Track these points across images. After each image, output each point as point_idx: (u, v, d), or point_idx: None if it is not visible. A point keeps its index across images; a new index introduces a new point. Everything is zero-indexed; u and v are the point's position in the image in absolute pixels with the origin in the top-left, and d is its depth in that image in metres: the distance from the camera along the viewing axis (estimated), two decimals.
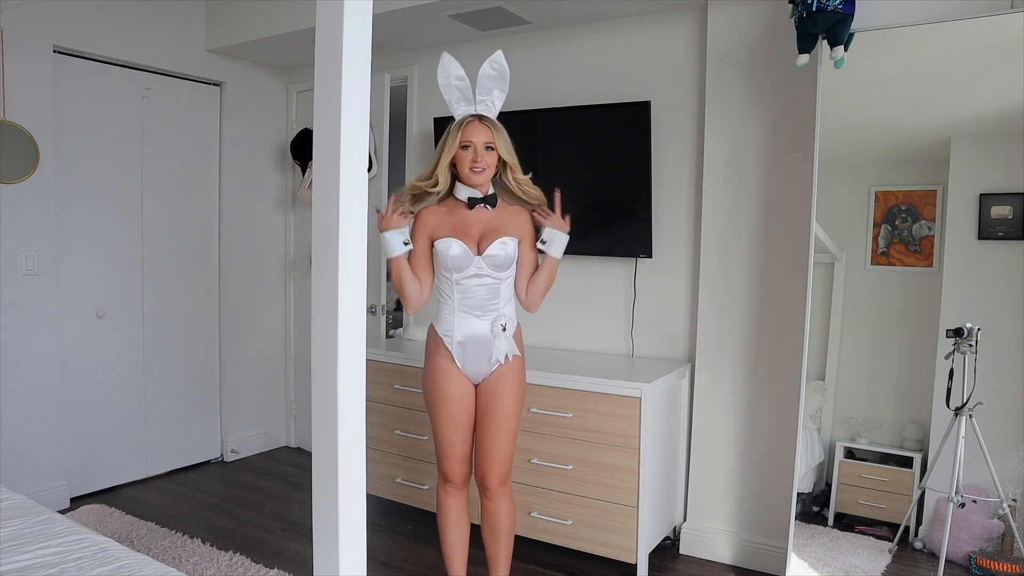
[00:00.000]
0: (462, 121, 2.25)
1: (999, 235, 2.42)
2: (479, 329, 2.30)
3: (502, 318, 2.31)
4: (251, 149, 4.19)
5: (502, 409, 2.32)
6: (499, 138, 2.26)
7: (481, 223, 2.31)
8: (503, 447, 2.34)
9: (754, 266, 2.87)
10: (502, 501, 2.38)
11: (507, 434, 2.34)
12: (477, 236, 2.30)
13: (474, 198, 2.29)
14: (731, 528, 2.95)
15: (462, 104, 2.28)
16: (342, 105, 1.20)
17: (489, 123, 2.26)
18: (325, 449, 1.26)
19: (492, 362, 2.32)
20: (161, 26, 3.69)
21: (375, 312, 3.77)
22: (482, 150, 2.23)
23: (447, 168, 2.28)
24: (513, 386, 2.33)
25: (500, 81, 2.29)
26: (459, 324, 2.30)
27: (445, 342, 2.33)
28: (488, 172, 2.27)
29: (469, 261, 2.27)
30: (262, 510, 3.46)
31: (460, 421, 2.35)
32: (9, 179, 3.14)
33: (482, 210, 2.31)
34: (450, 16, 3.23)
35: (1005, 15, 2.27)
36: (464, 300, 2.30)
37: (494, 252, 2.27)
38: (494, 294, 2.31)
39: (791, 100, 2.74)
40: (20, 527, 1.91)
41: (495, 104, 2.30)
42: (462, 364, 2.32)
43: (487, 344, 2.30)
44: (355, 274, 1.26)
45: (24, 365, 3.24)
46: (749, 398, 2.90)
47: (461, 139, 2.23)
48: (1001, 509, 2.39)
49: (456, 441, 2.36)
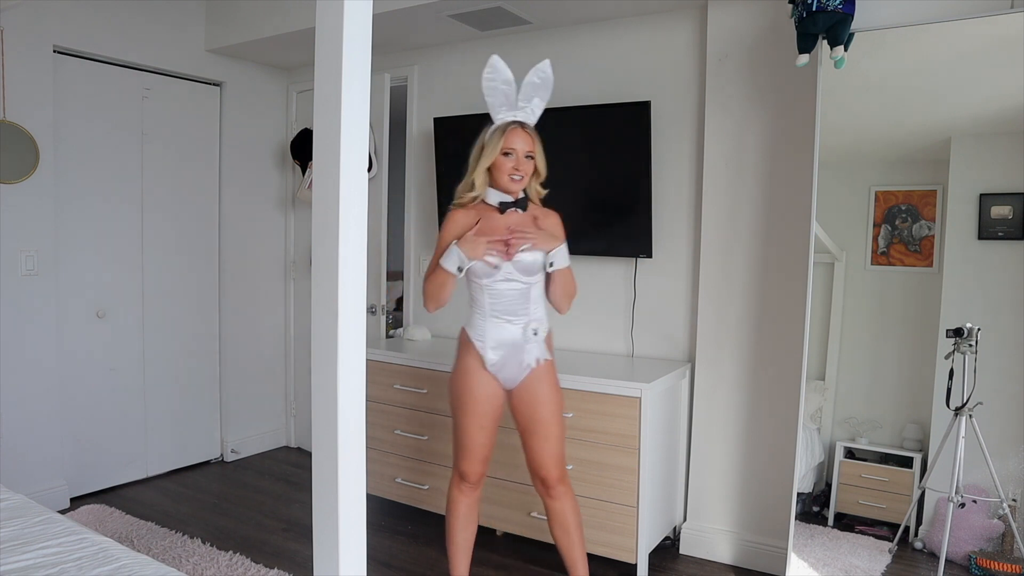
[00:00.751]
0: (504, 127, 2.24)
1: (999, 235, 2.42)
2: (511, 334, 2.30)
3: (534, 322, 2.31)
4: (251, 149, 4.19)
5: (546, 414, 2.33)
6: (538, 147, 2.28)
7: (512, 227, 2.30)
8: (554, 449, 2.35)
9: (754, 266, 2.87)
10: (566, 499, 2.39)
11: (556, 436, 2.35)
12: None
13: (505, 202, 2.29)
14: (731, 528, 2.95)
15: (503, 109, 2.27)
16: (342, 105, 1.20)
17: (530, 131, 2.27)
18: (325, 449, 1.26)
19: (524, 367, 2.31)
20: (161, 26, 3.69)
21: (375, 312, 3.77)
22: (523, 158, 2.24)
23: (483, 173, 2.28)
24: (551, 392, 2.34)
25: (543, 89, 2.29)
26: (491, 330, 2.30)
27: (477, 346, 2.32)
28: (525, 181, 2.28)
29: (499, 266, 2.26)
30: (262, 510, 3.46)
31: (486, 422, 2.35)
32: (9, 179, 3.14)
33: (512, 214, 2.31)
34: (450, 16, 3.23)
35: (1005, 15, 2.27)
36: (495, 304, 2.30)
37: (524, 258, 2.25)
38: (524, 298, 2.30)
39: (791, 100, 2.74)
40: (20, 527, 1.91)
41: (535, 112, 2.30)
42: (495, 370, 2.32)
43: (519, 349, 2.30)
44: (355, 274, 1.26)
45: (24, 365, 3.24)
46: (749, 398, 2.90)
47: (504, 145, 2.23)
48: (1001, 509, 2.39)
49: (480, 441, 2.36)
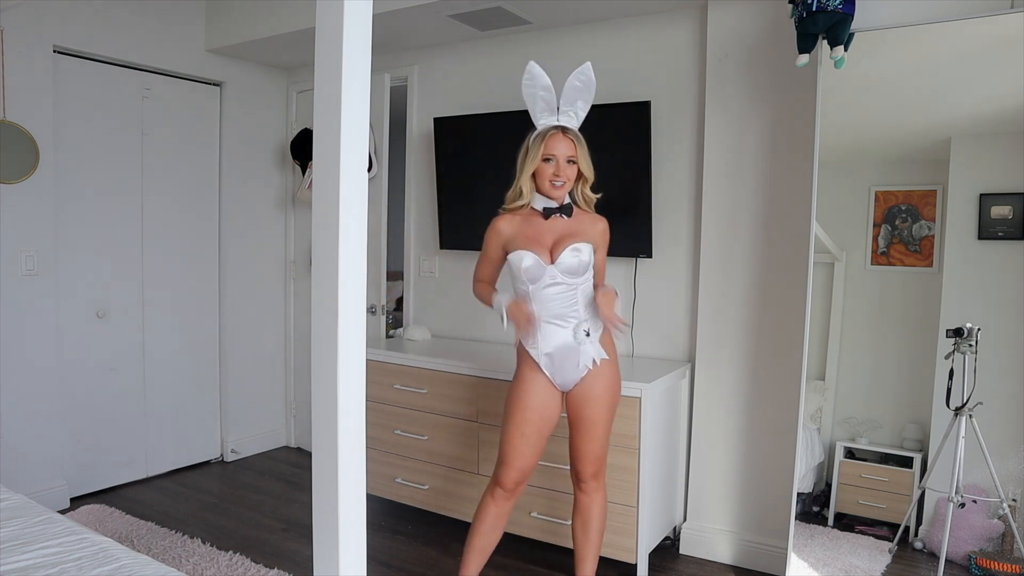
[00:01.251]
0: (544, 132, 2.23)
1: (999, 235, 2.42)
2: (563, 338, 2.28)
3: (584, 324, 2.28)
4: (251, 149, 4.19)
5: (593, 414, 2.31)
6: (581, 151, 2.25)
7: (555, 231, 2.30)
8: (596, 448, 2.35)
9: (754, 266, 2.87)
10: (596, 495, 2.39)
11: (599, 437, 2.34)
12: (550, 244, 2.28)
13: (549, 208, 2.28)
14: (731, 528, 2.95)
15: (545, 114, 2.26)
16: (342, 105, 1.20)
17: (572, 136, 2.25)
18: (325, 449, 1.25)
19: (580, 368, 2.29)
20: (161, 26, 3.69)
21: (375, 312, 3.77)
22: (564, 163, 2.23)
23: (529, 179, 2.27)
24: (603, 393, 2.31)
25: (585, 92, 2.27)
26: (543, 335, 2.29)
27: (532, 354, 2.32)
28: (568, 186, 2.26)
29: (542, 271, 2.25)
30: (262, 510, 3.46)
31: (528, 429, 2.32)
32: (9, 179, 3.14)
33: (557, 219, 2.30)
34: (450, 16, 3.23)
35: (1005, 15, 2.27)
36: (544, 310, 2.28)
37: (566, 260, 2.24)
38: (571, 301, 2.28)
39: (791, 100, 2.74)
40: (20, 527, 1.91)
41: (578, 116, 2.28)
42: (551, 374, 2.31)
43: (573, 352, 2.28)
44: (355, 274, 1.26)
45: (24, 365, 3.24)
46: (749, 398, 2.90)
47: (544, 152, 2.22)
48: (1001, 509, 2.39)
49: (520, 449, 2.32)
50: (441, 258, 3.80)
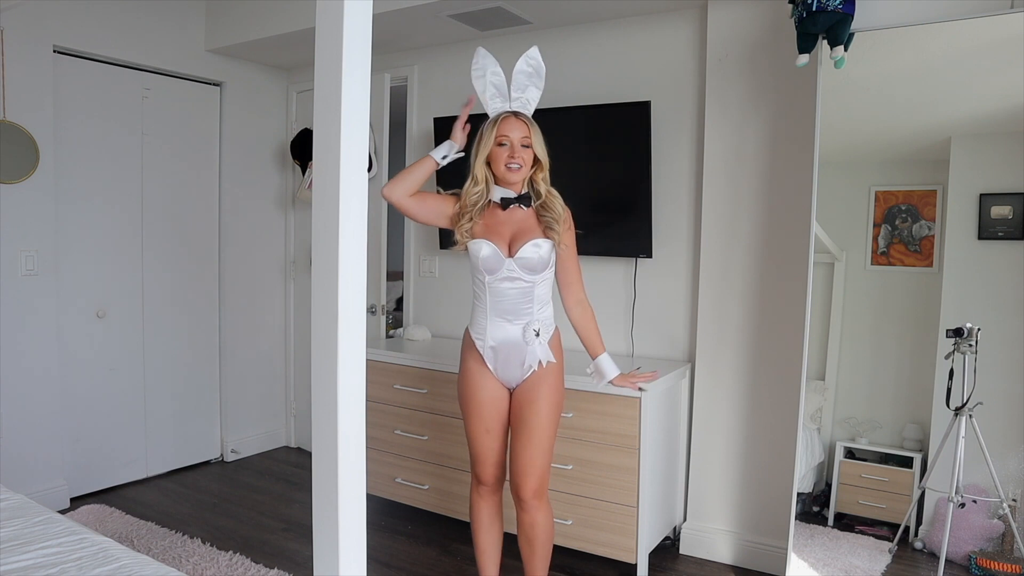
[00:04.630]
0: (497, 117, 2.20)
1: (999, 235, 2.42)
2: (511, 334, 2.24)
3: (535, 323, 2.23)
4: (251, 149, 4.19)
5: (534, 417, 2.24)
6: (535, 135, 2.20)
7: (513, 223, 2.24)
8: (537, 457, 2.24)
9: (754, 266, 2.87)
10: (537, 514, 2.28)
11: (541, 444, 2.24)
12: (508, 237, 2.23)
13: (507, 198, 2.22)
14: (731, 528, 2.95)
15: (497, 100, 2.22)
16: (342, 105, 1.20)
17: (525, 119, 2.21)
18: (325, 449, 1.25)
19: (525, 368, 2.25)
20: (161, 26, 3.69)
21: (375, 312, 3.77)
22: (518, 147, 2.17)
23: (483, 166, 2.21)
24: (547, 393, 2.25)
25: (536, 78, 2.22)
26: (491, 328, 2.25)
27: (478, 345, 2.28)
28: (524, 170, 2.20)
29: (500, 263, 2.20)
30: (262, 510, 3.46)
31: (492, 425, 2.29)
32: (9, 179, 3.14)
33: (516, 210, 2.24)
34: (450, 16, 3.23)
35: (1005, 15, 2.27)
36: (496, 303, 2.24)
37: (526, 254, 2.19)
38: (527, 297, 2.23)
39: (791, 100, 2.74)
40: (20, 527, 1.91)
41: (531, 101, 2.24)
42: (494, 368, 2.27)
43: (519, 349, 2.24)
44: (355, 274, 1.26)
45: (24, 365, 3.24)
46: (749, 398, 2.90)
47: (497, 135, 2.17)
48: (1001, 509, 2.39)
49: (488, 445, 2.30)
50: (441, 258, 3.80)
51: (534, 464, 2.25)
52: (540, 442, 2.25)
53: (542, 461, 2.26)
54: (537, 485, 2.26)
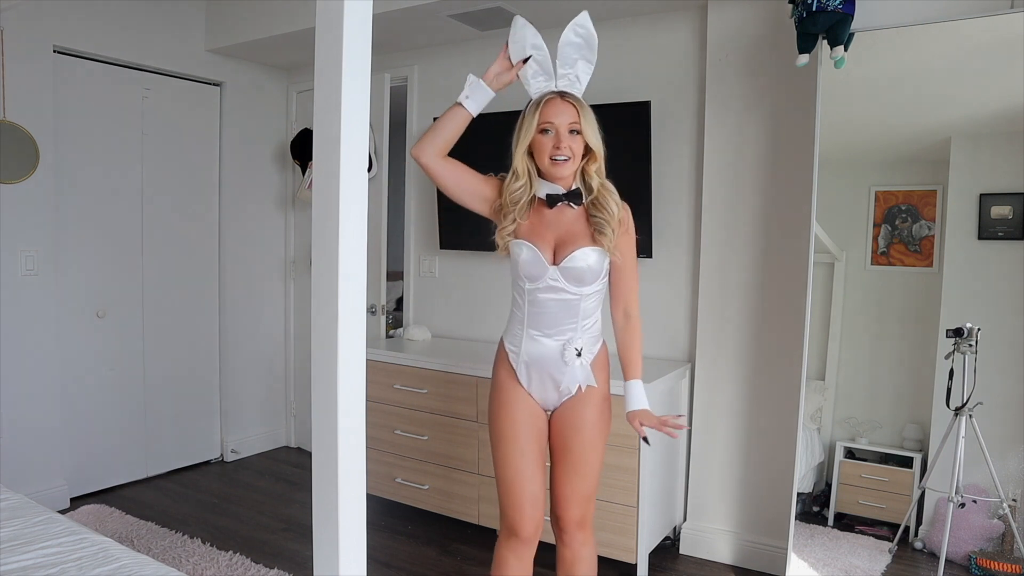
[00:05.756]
0: (540, 99, 1.85)
1: (999, 235, 2.42)
2: (548, 350, 1.90)
3: (577, 341, 1.89)
4: (251, 149, 4.19)
5: (578, 442, 1.91)
6: (585, 120, 1.84)
7: (561, 226, 1.89)
8: (583, 488, 1.93)
9: (754, 266, 2.87)
10: (583, 549, 1.96)
11: (588, 474, 1.93)
12: (553, 241, 1.89)
13: (553, 195, 1.87)
14: (731, 528, 2.95)
15: (540, 78, 1.89)
16: (342, 105, 1.20)
17: (573, 100, 1.85)
18: (325, 449, 1.25)
19: (562, 391, 1.93)
20: (161, 26, 3.69)
21: (375, 312, 3.77)
22: (565, 134, 1.82)
23: (524, 156, 1.86)
24: (593, 419, 1.93)
25: (587, 50, 1.89)
26: (527, 342, 1.93)
27: (511, 357, 1.96)
28: (573, 162, 1.85)
29: (543, 270, 1.87)
30: (262, 510, 3.46)
31: (528, 447, 1.92)
32: (9, 179, 3.14)
33: (565, 209, 1.89)
34: (450, 16, 3.23)
35: (1005, 15, 2.27)
36: (535, 315, 1.90)
37: (573, 263, 1.85)
38: (571, 312, 1.89)
39: (791, 100, 2.74)
40: (20, 527, 1.91)
41: (580, 78, 1.90)
42: (528, 387, 1.95)
43: (556, 369, 1.91)
44: (355, 274, 1.26)
45: (24, 365, 3.24)
46: (749, 398, 2.90)
47: (540, 120, 1.82)
48: (1001, 509, 2.39)
49: (523, 471, 1.90)
50: (441, 258, 3.80)
51: (580, 495, 1.93)
52: (586, 473, 1.93)
53: (589, 492, 1.95)
54: (581, 514, 1.93)
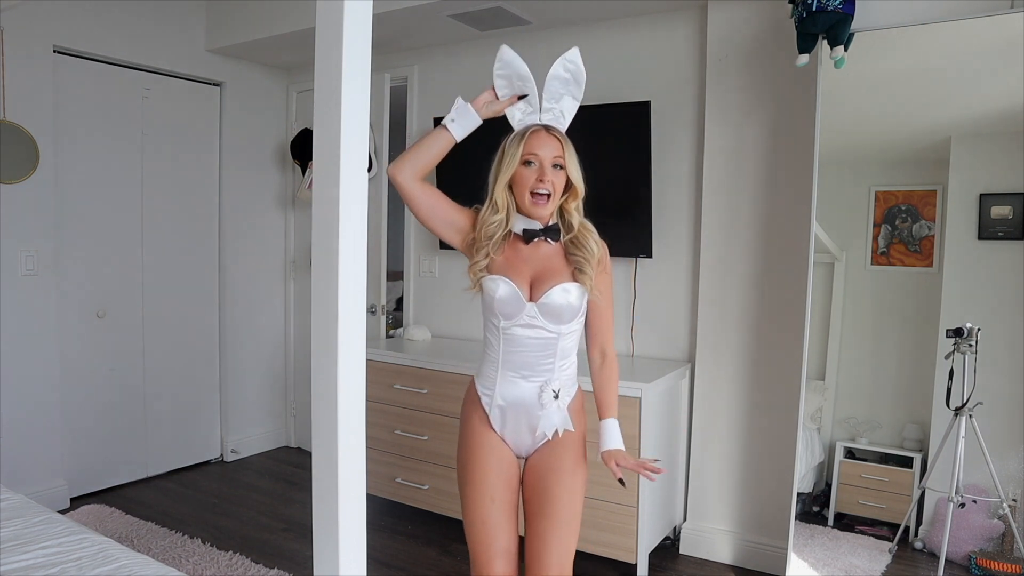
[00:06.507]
0: (524, 131, 1.80)
1: (999, 235, 2.42)
2: (525, 393, 1.82)
3: (555, 382, 1.82)
4: (251, 149, 4.19)
5: (560, 491, 1.80)
6: (569, 155, 1.79)
7: (537, 261, 1.83)
8: (565, 540, 1.78)
9: (754, 266, 2.87)
10: None
11: (570, 521, 1.80)
12: (530, 276, 1.82)
13: (530, 229, 1.81)
14: (731, 528, 2.95)
15: (524, 109, 1.85)
16: (342, 105, 1.20)
17: (558, 134, 1.80)
18: (325, 449, 1.25)
19: (537, 436, 1.84)
20: (161, 26, 3.69)
21: (375, 312, 3.78)
22: (549, 168, 1.76)
23: (504, 189, 1.80)
24: (571, 465, 1.83)
25: (574, 87, 1.83)
26: (501, 384, 1.84)
27: (483, 401, 1.87)
28: (554, 200, 1.78)
29: (520, 307, 1.79)
30: (262, 510, 3.46)
31: (499, 494, 1.81)
32: (9, 179, 3.14)
33: (541, 244, 1.83)
34: (450, 16, 3.23)
35: (1005, 15, 2.27)
36: (511, 355, 1.83)
37: (552, 300, 1.78)
38: (548, 351, 1.82)
39: (791, 100, 2.75)
40: (20, 527, 1.91)
41: (565, 114, 1.85)
42: (501, 432, 1.87)
43: (531, 413, 1.83)
44: (355, 274, 1.26)
45: (24, 365, 3.24)
46: (749, 398, 2.90)
47: (524, 152, 1.77)
48: (1001, 509, 2.39)
49: (494, 521, 1.79)
50: (441, 258, 3.80)
51: (560, 548, 1.77)
52: (568, 517, 1.80)
53: (569, 541, 1.79)
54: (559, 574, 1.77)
